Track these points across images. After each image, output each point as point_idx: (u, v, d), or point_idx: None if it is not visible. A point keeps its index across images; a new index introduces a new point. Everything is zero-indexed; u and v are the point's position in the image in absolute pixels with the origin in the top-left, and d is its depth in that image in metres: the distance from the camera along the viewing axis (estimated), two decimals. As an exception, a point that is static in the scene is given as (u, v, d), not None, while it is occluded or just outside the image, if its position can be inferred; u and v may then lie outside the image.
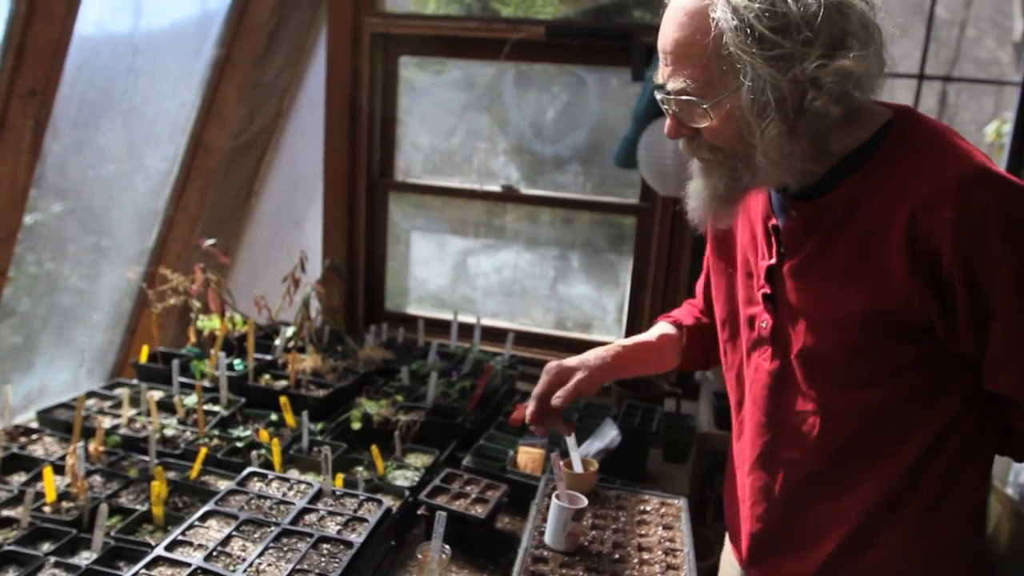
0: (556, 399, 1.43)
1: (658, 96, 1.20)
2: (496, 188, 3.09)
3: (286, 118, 3.25)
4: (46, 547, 1.57)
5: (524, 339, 3.09)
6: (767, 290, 1.27)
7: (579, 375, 1.46)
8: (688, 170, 1.30)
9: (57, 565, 1.50)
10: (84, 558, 1.54)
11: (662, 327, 1.63)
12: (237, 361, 2.42)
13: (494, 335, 3.00)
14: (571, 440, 1.80)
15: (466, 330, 2.94)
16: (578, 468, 1.79)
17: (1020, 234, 1.03)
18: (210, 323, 2.59)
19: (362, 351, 2.67)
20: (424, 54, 3.08)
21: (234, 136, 3.00)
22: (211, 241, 2.53)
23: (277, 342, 2.56)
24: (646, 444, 2.25)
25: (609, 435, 2.13)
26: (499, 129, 3.09)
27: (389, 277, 3.32)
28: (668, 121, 1.21)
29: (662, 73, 1.17)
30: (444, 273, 3.31)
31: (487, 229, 3.23)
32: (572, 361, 1.50)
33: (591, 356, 1.50)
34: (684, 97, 1.14)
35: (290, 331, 2.58)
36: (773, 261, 1.26)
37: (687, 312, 1.66)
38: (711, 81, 1.11)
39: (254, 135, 3.13)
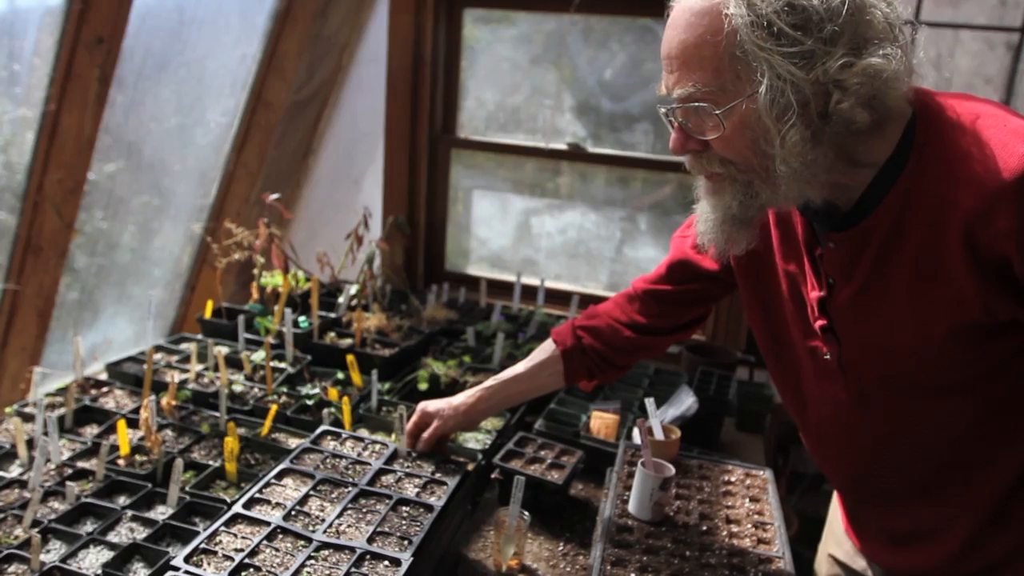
0: (420, 445, 1.64)
1: (661, 110, 1.11)
2: (562, 146, 2.99)
3: (346, 73, 3.18)
4: (122, 500, 1.55)
5: (589, 302, 3.00)
6: (824, 322, 1.19)
7: (435, 423, 1.64)
8: (695, 191, 1.20)
9: (134, 519, 1.48)
10: (160, 512, 1.53)
11: (544, 349, 1.65)
12: (302, 318, 2.39)
13: (557, 298, 2.93)
14: (650, 407, 1.73)
15: (528, 292, 2.87)
16: (659, 435, 1.72)
17: None
18: (273, 280, 2.56)
19: (425, 311, 2.62)
20: (490, 5, 2.97)
21: (294, 91, 2.94)
22: (275, 196, 2.49)
23: (340, 300, 2.52)
24: (722, 413, 2.17)
25: (686, 402, 2.05)
26: (565, 86, 2.98)
27: (449, 237, 3.26)
28: (673, 135, 1.11)
29: (665, 82, 1.08)
30: (506, 233, 3.23)
31: (544, 190, 3.14)
32: (433, 407, 1.66)
33: (452, 403, 1.65)
34: (693, 104, 1.04)
35: (354, 289, 2.54)
36: (824, 293, 1.18)
37: (569, 331, 1.62)
38: (723, 86, 1.01)
39: (314, 90, 3.07)
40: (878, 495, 1.30)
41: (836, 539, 1.52)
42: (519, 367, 1.66)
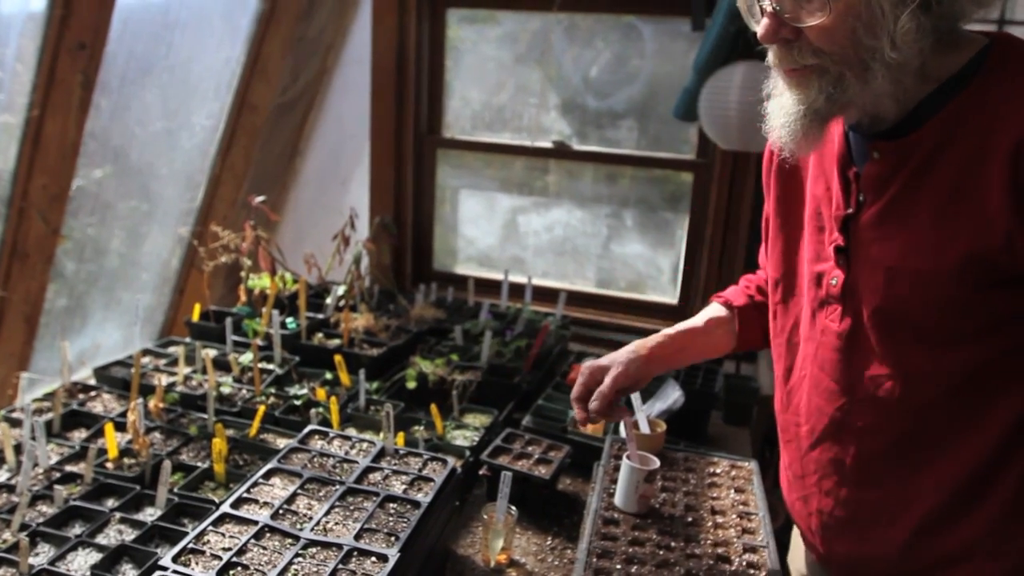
0: (593, 403, 1.39)
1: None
2: (547, 144, 3.01)
3: (330, 75, 3.18)
4: (111, 503, 1.56)
5: (576, 299, 3.03)
6: (840, 242, 1.16)
7: (613, 372, 1.41)
8: (768, 90, 1.15)
9: (123, 521, 1.49)
10: (149, 514, 1.53)
11: (713, 309, 1.54)
12: (290, 319, 2.40)
13: (545, 295, 2.94)
14: (636, 401, 1.75)
15: (516, 290, 2.88)
16: (644, 429, 1.73)
17: None
18: (260, 282, 2.56)
19: (413, 310, 2.63)
20: (474, 5, 2.98)
21: (279, 93, 2.94)
22: (261, 198, 2.49)
23: (328, 300, 2.53)
24: (708, 406, 2.19)
25: (672, 396, 2.07)
26: (550, 84, 2.99)
27: (436, 236, 3.27)
28: (765, 21, 1.03)
29: None
30: (492, 232, 3.24)
31: (531, 188, 3.15)
32: (604, 360, 1.46)
33: (625, 351, 1.46)
34: None
35: (341, 289, 2.55)
36: (851, 210, 1.15)
37: (739, 291, 1.56)
38: None
39: (299, 92, 3.07)
40: (831, 464, 1.24)
41: (799, 551, 1.51)
42: (689, 323, 1.51)
